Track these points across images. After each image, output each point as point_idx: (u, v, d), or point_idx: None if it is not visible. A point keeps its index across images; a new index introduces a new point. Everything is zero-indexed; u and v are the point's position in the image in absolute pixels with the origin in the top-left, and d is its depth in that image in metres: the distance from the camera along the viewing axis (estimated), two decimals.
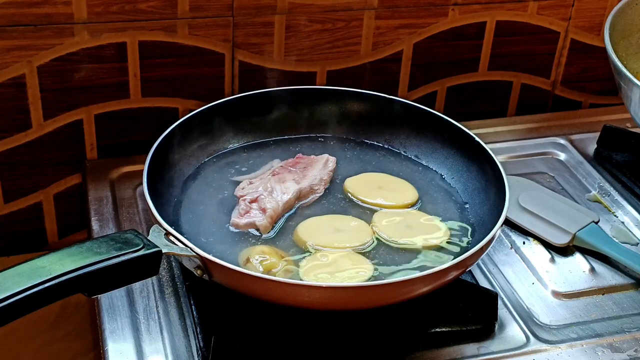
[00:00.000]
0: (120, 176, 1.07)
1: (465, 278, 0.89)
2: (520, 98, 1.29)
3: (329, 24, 1.12)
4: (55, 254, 0.69)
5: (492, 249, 0.97)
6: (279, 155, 1.01)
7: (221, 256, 0.78)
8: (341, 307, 0.79)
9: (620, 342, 0.86)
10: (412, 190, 0.96)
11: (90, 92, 1.07)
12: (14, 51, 1.01)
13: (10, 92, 1.03)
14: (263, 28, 1.10)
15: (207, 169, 0.98)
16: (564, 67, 1.28)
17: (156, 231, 0.78)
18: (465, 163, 0.99)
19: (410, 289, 0.78)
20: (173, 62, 1.08)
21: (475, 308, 0.86)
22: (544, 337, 0.86)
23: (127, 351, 0.82)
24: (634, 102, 1.04)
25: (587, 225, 0.99)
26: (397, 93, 1.21)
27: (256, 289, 0.77)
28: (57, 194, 1.12)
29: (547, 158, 1.16)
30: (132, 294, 0.88)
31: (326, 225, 0.89)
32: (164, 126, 0.95)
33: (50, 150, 1.09)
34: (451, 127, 1.00)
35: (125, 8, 1.03)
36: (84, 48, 1.04)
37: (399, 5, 1.14)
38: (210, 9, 1.06)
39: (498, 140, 1.18)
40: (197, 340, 0.82)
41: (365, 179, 0.97)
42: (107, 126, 1.10)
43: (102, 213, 1.00)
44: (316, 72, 1.16)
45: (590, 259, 0.97)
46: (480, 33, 1.20)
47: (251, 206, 0.90)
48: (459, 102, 1.25)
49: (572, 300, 0.92)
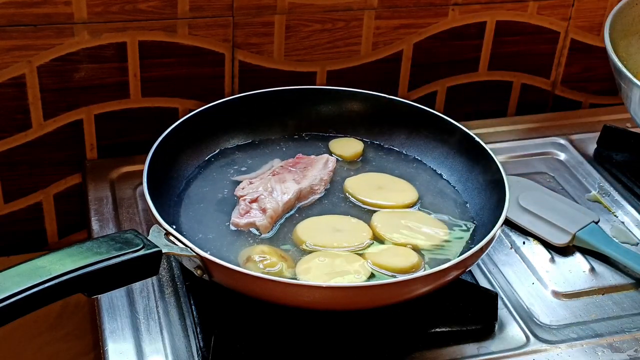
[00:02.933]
0: (120, 176, 1.07)
1: (465, 278, 0.89)
2: (520, 98, 1.29)
3: (329, 24, 1.12)
4: (55, 254, 0.69)
5: (492, 249, 0.97)
6: (279, 155, 1.01)
7: (221, 256, 0.79)
8: (341, 307, 0.79)
9: (620, 342, 0.86)
10: (411, 190, 0.96)
11: (90, 92, 1.07)
12: (14, 51, 1.01)
13: (11, 92, 1.03)
14: (263, 28, 1.10)
15: (207, 169, 0.98)
16: (564, 67, 1.28)
17: (156, 231, 0.78)
18: (465, 163, 0.99)
19: (410, 289, 0.78)
20: (173, 62, 1.08)
21: (475, 308, 0.86)
22: (544, 337, 0.86)
23: (127, 351, 0.82)
24: (634, 102, 1.04)
25: (587, 225, 0.99)
26: (397, 93, 1.21)
27: (256, 289, 0.77)
28: (57, 194, 1.12)
29: (547, 158, 1.16)
30: (132, 294, 0.88)
31: (325, 225, 0.89)
32: (164, 126, 0.95)
33: (50, 150, 1.09)
34: (451, 127, 1.00)
35: (125, 8, 1.03)
36: (84, 48, 1.04)
37: (399, 5, 1.14)
38: (210, 9, 1.06)
39: (498, 140, 1.18)
40: (197, 340, 0.82)
41: (365, 179, 0.97)
42: (107, 126, 1.10)
43: (102, 213, 1.00)
44: (316, 72, 1.16)
45: (590, 259, 0.97)
46: (480, 33, 1.20)
47: (251, 206, 0.90)
48: (459, 102, 1.25)
49: (572, 300, 0.92)
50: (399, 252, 0.85)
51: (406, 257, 0.84)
